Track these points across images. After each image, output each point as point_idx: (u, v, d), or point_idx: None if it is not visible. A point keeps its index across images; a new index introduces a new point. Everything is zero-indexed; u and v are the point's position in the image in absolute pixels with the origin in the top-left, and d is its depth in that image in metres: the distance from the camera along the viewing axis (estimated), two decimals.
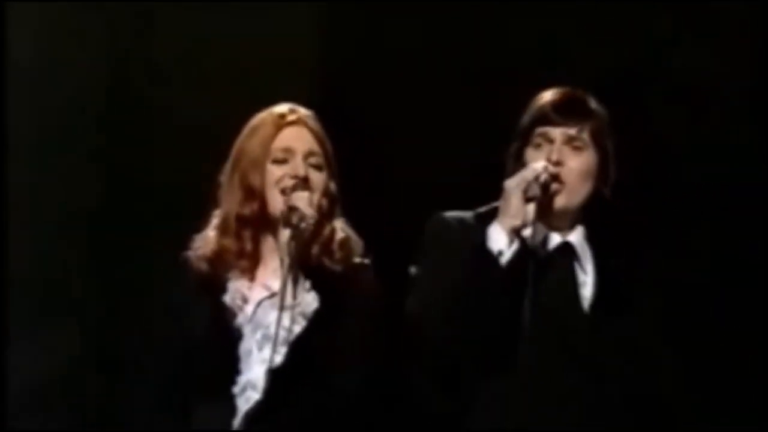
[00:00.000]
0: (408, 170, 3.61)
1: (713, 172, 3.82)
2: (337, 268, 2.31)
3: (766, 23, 3.94)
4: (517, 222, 2.28)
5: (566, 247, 2.40)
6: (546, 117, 2.39)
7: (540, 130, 2.38)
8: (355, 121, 3.71)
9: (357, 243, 2.39)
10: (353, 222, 2.44)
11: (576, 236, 2.42)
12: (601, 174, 2.41)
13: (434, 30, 4.03)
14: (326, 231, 2.32)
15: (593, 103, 2.45)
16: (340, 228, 2.37)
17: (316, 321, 2.23)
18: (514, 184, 2.30)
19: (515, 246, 2.28)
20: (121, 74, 3.98)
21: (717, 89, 4.00)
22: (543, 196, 2.31)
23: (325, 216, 2.31)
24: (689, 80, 4.01)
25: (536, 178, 2.30)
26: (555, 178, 2.33)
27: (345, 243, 2.35)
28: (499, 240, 2.29)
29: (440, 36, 4.01)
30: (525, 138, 2.42)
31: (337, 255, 2.33)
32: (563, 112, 2.39)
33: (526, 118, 2.43)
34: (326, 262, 2.31)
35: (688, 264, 3.61)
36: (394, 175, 3.65)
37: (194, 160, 3.45)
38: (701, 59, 4.02)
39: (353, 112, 3.79)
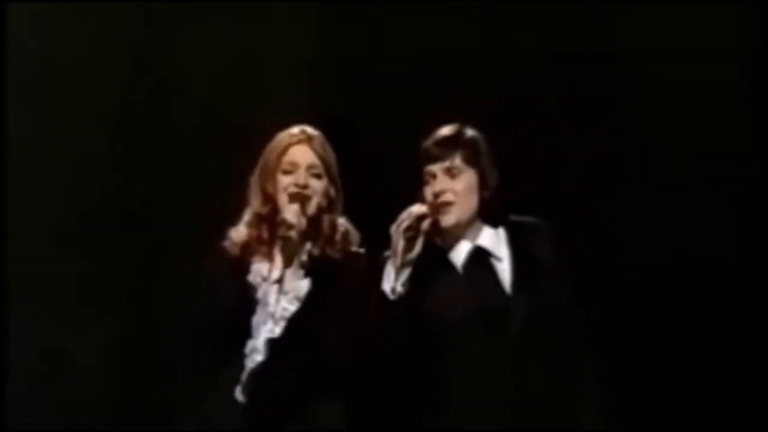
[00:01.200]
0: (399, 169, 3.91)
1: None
2: (337, 255, 2.91)
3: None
4: (400, 261, 2.74)
5: (478, 250, 2.86)
6: (427, 157, 2.86)
7: (426, 169, 2.86)
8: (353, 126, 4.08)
9: (355, 235, 2.98)
10: (353, 218, 3.04)
11: (485, 238, 2.89)
12: (481, 186, 2.87)
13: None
14: (327, 225, 2.93)
15: (462, 134, 2.90)
16: (341, 222, 2.97)
17: (308, 301, 2.84)
18: (394, 229, 2.77)
19: (401, 279, 2.74)
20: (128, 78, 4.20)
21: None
22: (420, 231, 2.76)
23: (323, 212, 2.91)
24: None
25: (413, 218, 2.76)
26: (440, 206, 2.80)
27: (345, 235, 2.95)
28: (389, 278, 2.76)
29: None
30: (421, 179, 2.88)
31: (338, 245, 2.93)
32: (437, 150, 2.86)
33: (421, 155, 2.89)
34: (328, 250, 2.91)
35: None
36: (386, 175, 3.96)
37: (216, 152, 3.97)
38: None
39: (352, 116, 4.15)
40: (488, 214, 2.91)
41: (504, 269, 2.87)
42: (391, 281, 2.75)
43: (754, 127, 4.35)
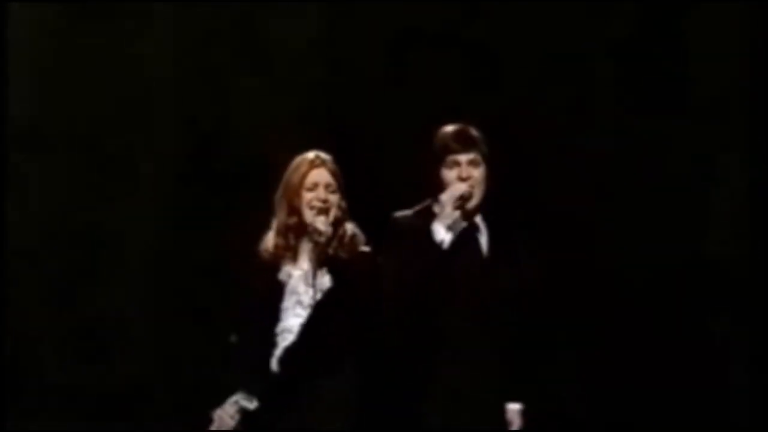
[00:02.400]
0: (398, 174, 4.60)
1: None
2: (347, 255, 3.70)
3: None
4: (449, 222, 3.60)
5: (474, 227, 3.73)
6: (450, 147, 3.67)
7: (450, 158, 3.66)
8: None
9: (361, 238, 3.76)
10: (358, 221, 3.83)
11: (478, 217, 3.75)
12: (488, 177, 3.71)
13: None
14: (341, 231, 3.72)
15: (476, 133, 3.71)
16: (350, 228, 3.75)
17: (330, 292, 3.63)
18: (447, 198, 3.61)
19: (450, 236, 3.61)
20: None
21: None
22: (463, 205, 3.62)
23: (339, 222, 3.70)
24: None
25: (461, 195, 3.61)
26: (467, 195, 3.63)
27: (353, 238, 3.73)
28: (439, 233, 3.62)
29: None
30: (438, 161, 3.69)
31: (348, 247, 3.72)
32: (459, 144, 3.68)
33: (437, 147, 3.69)
34: (340, 252, 3.70)
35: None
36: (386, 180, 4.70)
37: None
38: None
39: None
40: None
41: (483, 243, 3.74)
42: (442, 236, 3.61)
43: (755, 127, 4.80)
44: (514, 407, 3.72)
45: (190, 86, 5.05)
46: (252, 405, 3.63)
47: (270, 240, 3.76)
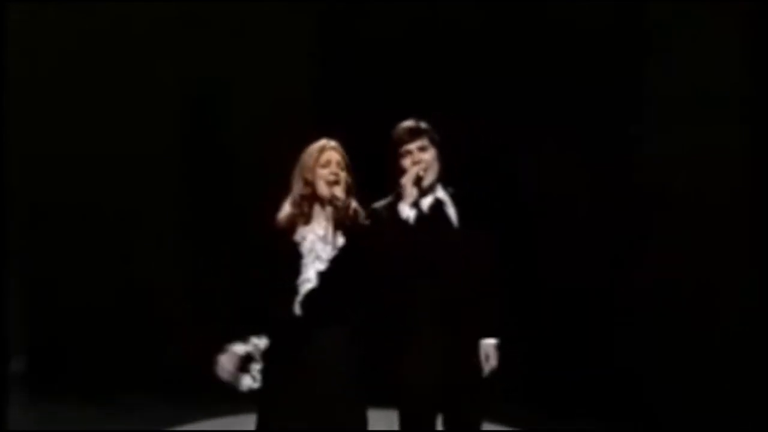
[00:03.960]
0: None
1: None
2: (350, 224, 4.46)
3: None
4: (411, 200, 4.41)
5: (437, 201, 4.52)
6: (402, 139, 4.51)
7: (404, 148, 4.50)
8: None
9: (361, 212, 4.53)
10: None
11: (440, 193, 4.54)
12: (439, 160, 4.54)
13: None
14: (350, 202, 4.49)
15: (423, 124, 4.53)
16: (354, 203, 4.53)
17: (343, 250, 4.38)
18: (405, 180, 4.42)
19: (414, 212, 4.42)
20: None
21: None
22: (419, 183, 4.43)
23: (348, 194, 4.46)
24: None
25: (415, 176, 4.42)
26: (418, 177, 4.45)
27: (356, 211, 4.50)
28: (404, 211, 4.43)
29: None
30: (396, 152, 4.51)
31: (352, 218, 4.48)
32: (411, 134, 4.51)
33: (393, 142, 4.51)
34: (347, 221, 4.46)
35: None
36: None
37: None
38: None
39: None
40: (442, 180, 4.59)
41: (451, 213, 4.55)
42: (407, 213, 4.43)
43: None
44: (489, 342, 4.49)
45: None
46: (253, 347, 4.33)
47: (286, 209, 4.49)
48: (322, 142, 4.53)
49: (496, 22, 5.95)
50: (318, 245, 4.39)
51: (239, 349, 4.34)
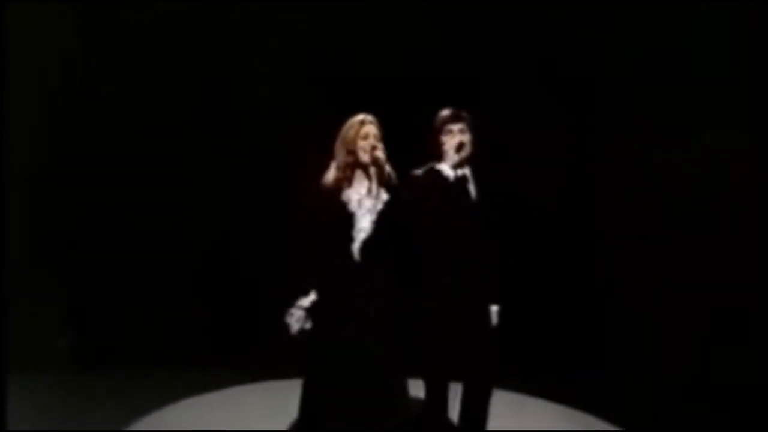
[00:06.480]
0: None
1: None
2: (387, 185, 5.32)
3: None
4: (452, 162, 5.37)
5: (464, 175, 5.44)
6: (445, 123, 5.43)
7: (446, 127, 5.42)
8: None
9: (394, 175, 5.41)
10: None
11: (467, 169, 5.46)
12: (472, 143, 5.49)
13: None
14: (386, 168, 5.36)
15: (464, 114, 5.43)
16: (388, 167, 5.38)
17: (387, 203, 5.24)
18: (449, 147, 5.36)
19: (454, 173, 5.40)
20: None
21: None
22: (460, 150, 5.37)
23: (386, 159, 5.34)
24: None
25: (458, 143, 5.39)
26: (461, 144, 5.42)
27: (390, 174, 5.38)
28: (446, 170, 5.39)
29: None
30: (439, 131, 5.43)
31: (387, 179, 5.34)
32: (452, 119, 5.42)
33: (438, 122, 5.42)
34: (384, 183, 5.31)
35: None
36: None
37: None
38: None
39: None
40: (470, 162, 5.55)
41: (471, 190, 5.48)
42: (448, 173, 5.40)
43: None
44: (493, 308, 5.41)
45: None
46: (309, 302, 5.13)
47: (331, 174, 5.31)
48: (361, 116, 5.38)
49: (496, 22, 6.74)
50: (366, 201, 5.23)
51: (305, 302, 5.11)
